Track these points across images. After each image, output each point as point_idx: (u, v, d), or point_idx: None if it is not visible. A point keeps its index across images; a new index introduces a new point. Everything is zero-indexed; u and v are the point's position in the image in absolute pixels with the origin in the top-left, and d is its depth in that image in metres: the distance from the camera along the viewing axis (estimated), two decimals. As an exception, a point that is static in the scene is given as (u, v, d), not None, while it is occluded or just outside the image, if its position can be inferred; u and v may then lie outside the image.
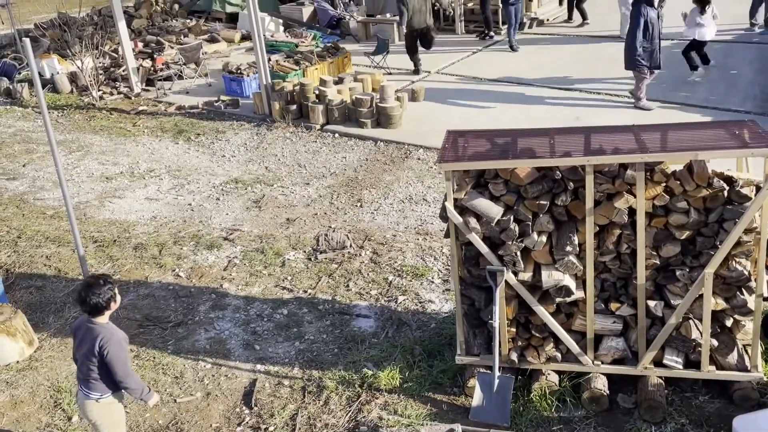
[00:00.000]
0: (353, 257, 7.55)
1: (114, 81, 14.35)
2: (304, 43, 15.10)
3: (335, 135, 10.95)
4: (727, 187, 4.70)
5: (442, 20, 16.80)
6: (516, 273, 5.11)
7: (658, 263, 4.92)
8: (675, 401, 5.23)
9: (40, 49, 15.46)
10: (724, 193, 4.70)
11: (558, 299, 5.08)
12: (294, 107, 11.49)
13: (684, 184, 4.71)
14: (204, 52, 15.13)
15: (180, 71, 14.27)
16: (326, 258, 7.58)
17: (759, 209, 4.61)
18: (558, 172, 4.90)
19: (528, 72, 12.96)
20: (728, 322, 5.06)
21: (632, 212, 4.83)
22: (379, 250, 7.65)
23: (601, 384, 5.20)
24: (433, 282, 7.03)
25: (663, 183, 4.76)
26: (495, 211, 4.96)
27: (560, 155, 4.85)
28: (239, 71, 13.11)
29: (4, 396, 5.94)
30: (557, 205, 4.97)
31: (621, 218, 4.84)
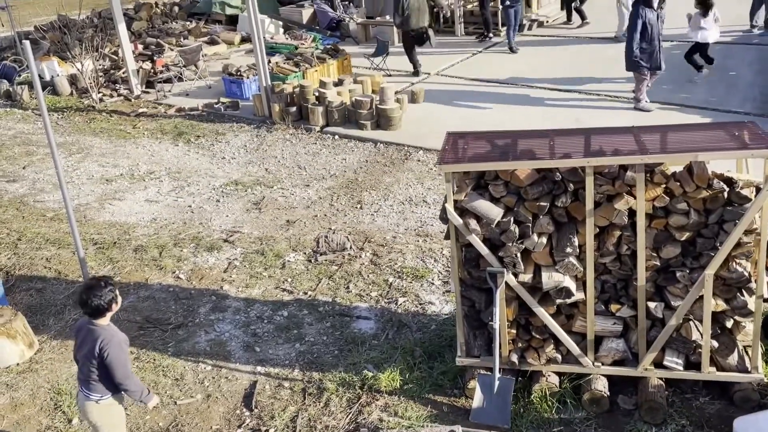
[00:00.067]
0: (353, 259, 7.55)
1: (114, 83, 14.35)
2: (304, 45, 15.10)
3: (335, 137, 10.95)
4: (727, 189, 4.71)
5: (441, 22, 16.80)
6: (516, 274, 5.11)
7: (659, 264, 4.92)
8: (675, 402, 5.23)
9: (40, 52, 15.46)
10: (724, 195, 4.71)
11: (558, 301, 5.08)
12: (294, 109, 11.50)
13: (684, 186, 4.72)
14: (204, 54, 15.14)
15: (180, 73, 14.28)
16: (326, 260, 7.58)
17: (759, 210, 4.61)
18: (558, 174, 4.90)
19: (528, 73, 12.96)
20: (728, 324, 5.06)
21: (632, 213, 4.84)
22: (379, 252, 7.65)
23: (602, 385, 5.20)
24: (434, 284, 7.03)
25: (663, 184, 4.76)
26: (495, 213, 4.96)
27: (560, 157, 4.86)
28: (239, 73, 13.12)
29: (4, 398, 5.93)
30: (557, 207, 4.97)
31: (621, 220, 4.84)
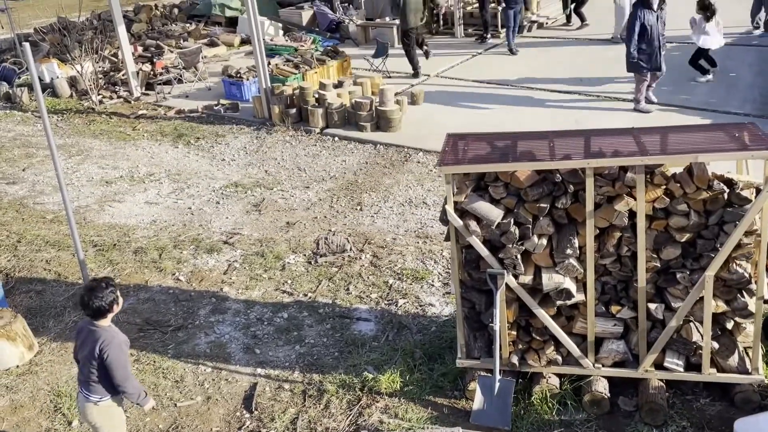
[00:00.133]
0: (353, 261, 7.55)
1: (114, 85, 14.35)
2: (304, 47, 15.11)
3: (335, 138, 10.95)
4: (727, 190, 4.70)
5: (441, 23, 16.82)
6: (516, 276, 5.10)
7: (659, 266, 4.92)
8: (676, 404, 5.23)
9: (40, 54, 15.48)
10: (725, 196, 4.70)
11: (558, 302, 5.08)
12: (293, 111, 11.49)
13: (684, 187, 4.71)
14: (203, 56, 15.14)
15: (179, 75, 14.28)
16: (326, 261, 7.57)
17: (759, 211, 4.61)
18: (558, 175, 4.90)
19: (527, 75, 12.96)
20: (729, 325, 5.06)
21: (632, 215, 4.83)
22: (379, 254, 7.65)
23: (602, 387, 5.20)
24: (434, 285, 7.02)
25: (663, 186, 4.76)
26: (495, 214, 4.96)
27: (560, 158, 4.85)
28: (239, 75, 13.12)
29: (4, 401, 5.93)
30: (557, 208, 4.97)
31: (621, 221, 4.84)
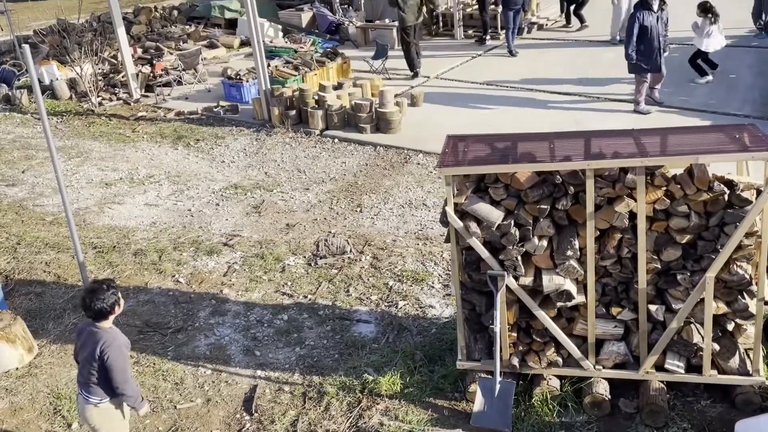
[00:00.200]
0: (353, 262, 7.54)
1: (113, 87, 14.35)
2: (303, 49, 15.12)
3: (335, 140, 10.95)
4: (728, 191, 4.70)
5: (441, 25, 16.83)
6: (517, 277, 5.10)
7: (659, 267, 4.91)
8: (677, 406, 5.22)
9: (40, 56, 15.47)
10: (725, 197, 4.70)
11: (559, 304, 5.07)
12: (293, 113, 11.49)
13: (684, 188, 4.71)
14: (203, 58, 15.14)
15: (179, 77, 14.27)
16: (326, 263, 7.56)
17: (760, 213, 4.61)
18: (558, 177, 4.89)
19: (527, 76, 12.96)
20: (730, 326, 5.05)
21: (633, 216, 4.83)
22: (380, 255, 7.64)
23: (603, 389, 5.19)
24: (434, 287, 7.01)
25: (663, 187, 4.76)
26: (495, 216, 4.95)
27: (560, 159, 4.85)
28: (238, 77, 13.12)
29: (4, 403, 5.92)
30: (558, 210, 4.96)
31: (622, 222, 4.83)
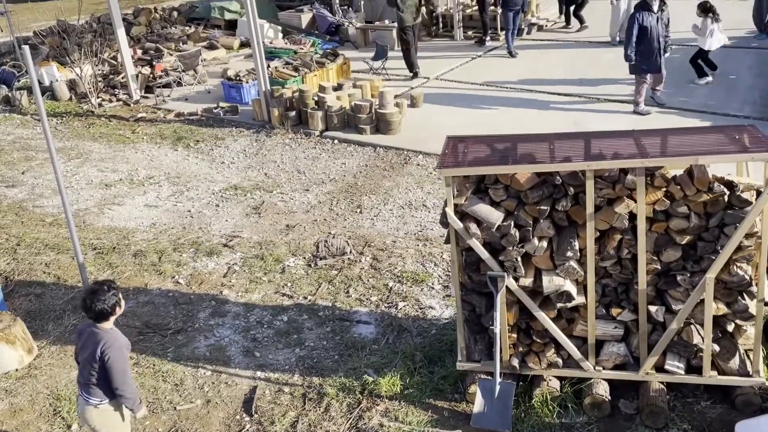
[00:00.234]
0: (353, 263, 7.54)
1: (113, 88, 14.36)
2: (303, 50, 15.12)
3: (334, 141, 10.95)
4: (728, 192, 4.70)
5: (440, 26, 16.84)
6: (517, 278, 5.10)
7: (659, 268, 4.91)
8: (677, 407, 5.22)
9: (39, 57, 15.48)
10: (725, 198, 4.70)
11: (559, 305, 5.07)
12: (293, 114, 11.49)
13: (684, 189, 4.71)
14: (203, 59, 15.15)
15: (179, 78, 14.28)
16: (326, 264, 7.56)
17: (760, 214, 4.61)
18: (558, 178, 4.89)
19: (527, 77, 12.97)
20: (730, 327, 5.05)
21: (633, 217, 4.83)
22: (379, 256, 7.64)
23: (603, 390, 5.19)
24: (434, 288, 7.01)
25: (663, 188, 4.76)
26: (495, 217, 4.95)
27: (560, 160, 4.85)
28: (238, 78, 13.12)
29: (4, 404, 5.91)
30: (558, 211, 4.96)
31: (622, 223, 4.83)
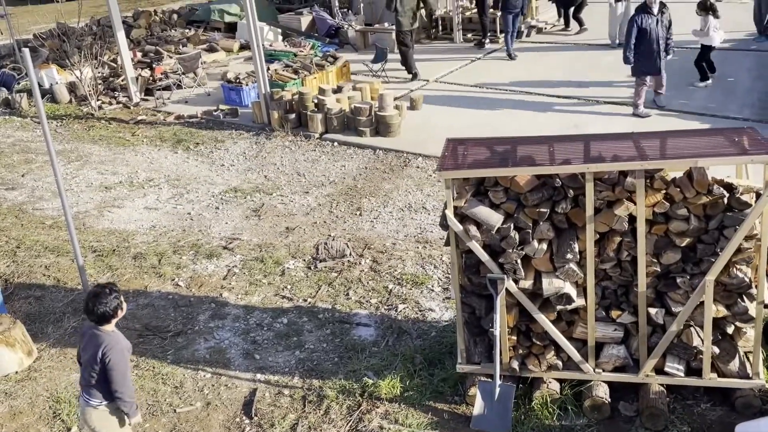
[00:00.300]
0: (353, 266, 7.54)
1: (113, 91, 14.37)
2: (303, 53, 15.13)
3: (334, 144, 10.95)
4: (727, 194, 4.71)
5: (440, 28, 16.86)
6: (516, 281, 5.10)
7: (659, 270, 4.92)
8: (677, 409, 5.22)
9: (39, 60, 15.47)
10: (724, 200, 4.71)
11: (559, 307, 5.07)
12: (293, 116, 11.50)
13: (684, 191, 4.72)
14: (203, 62, 15.15)
15: (179, 81, 14.29)
16: (326, 267, 7.57)
17: (759, 216, 4.61)
18: (558, 180, 4.90)
19: (526, 80, 12.98)
20: (729, 330, 5.05)
21: (632, 219, 4.83)
22: (379, 259, 7.64)
23: (603, 392, 5.19)
24: (433, 290, 7.02)
25: (663, 190, 4.76)
26: (495, 219, 4.96)
27: (560, 163, 4.86)
28: (238, 80, 13.13)
29: (3, 407, 5.91)
30: (557, 213, 4.97)
31: (621, 226, 4.84)
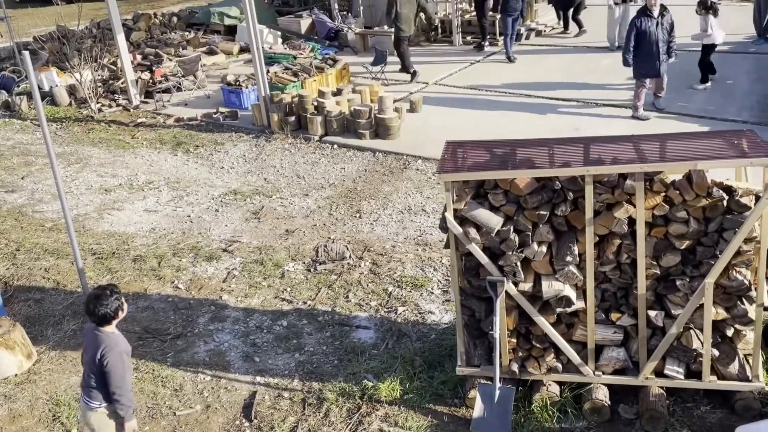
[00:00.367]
0: (353, 268, 7.54)
1: (113, 93, 14.37)
2: (303, 55, 15.15)
3: (334, 146, 10.96)
4: (727, 197, 4.71)
5: (439, 31, 16.88)
6: (516, 283, 5.10)
7: (659, 273, 4.92)
8: (676, 412, 5.22)
9: (39, 62, 15.49)
10: (724, 203, 4.71)
11: (558, 309, 5.07)
12: (292, 119, 11.51)
13: (683, 194, 4.72)
14: (202, 65, 15.17)
15: (178, 83, 14.30)
16: (326, 269, 7.57)
17: (758, 218, 4.62)
18: (557, 183, 4.90)
19: (525, 82, 12.99)
20: (729, 332, 5.06)
21: (632, 222, 4.84)
22: (379, 261, 7.64)
23: (603, 395, 5.19)
24: (433, 293, 7.02)
25: (662, 193, 4.77)
26: (495, 222, 4.96)
27: (560, 165, 4.86)
28: (238, 83, 13.14)
29: (3, 410, 5.90)
30: (557, 216, 4.97)
31: (621, 228, 4.84)
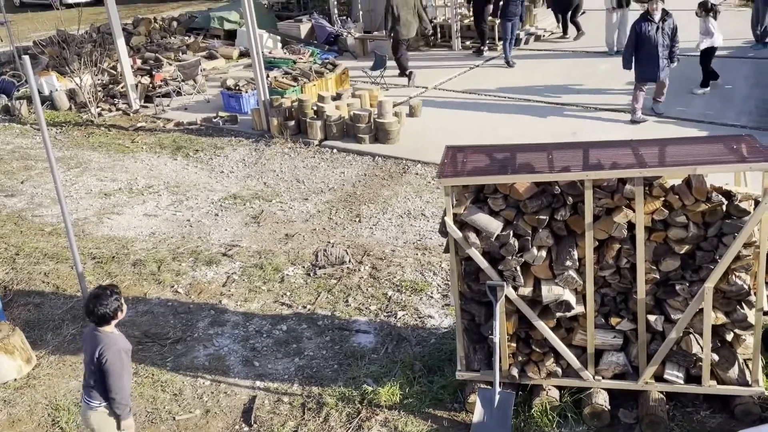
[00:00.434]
0: (352, 272, 7.54)
1: (113, 98, 14.39)
2: (302, 60, 15.17)
3: (333, 150, 10.97)
4: (726, 202, 4.72)
5: (439, 35, 16.91)
6: (516, 288, 5.11)
7: (658, 278, 4.93)
8: (676, 416, 5.22)
9: (39, 67, 15.51)
10: (723, 208, 4.72)
11: (558, 314, 5.08)
12: (292, 123, 11.52)
13: (683, 199, 4.73)
14: (202, 69, 15.19)
15: (178, 88, 14.31)
16: (325, 273, 7.57)
17: (758, 223, 4.63)
18: (557, 187, 4.91)
19: (524, 87, 13.01)
20: (729, 337, 5.06)
21: (631, 227, 4.84)
22: (378, 266, 7.65)
23: (602, 399, 5.19)
24: (433, 297, 7.02)
25: (662, 197, 4.78)
26: (494, 226, 4.97)
27: (559, 170, 4.87)
28: (237, 88, 13.15)
29: (2, 414, 5.90)
30: (557, 220, 4.98)
31: (620, 233, 4.85)
